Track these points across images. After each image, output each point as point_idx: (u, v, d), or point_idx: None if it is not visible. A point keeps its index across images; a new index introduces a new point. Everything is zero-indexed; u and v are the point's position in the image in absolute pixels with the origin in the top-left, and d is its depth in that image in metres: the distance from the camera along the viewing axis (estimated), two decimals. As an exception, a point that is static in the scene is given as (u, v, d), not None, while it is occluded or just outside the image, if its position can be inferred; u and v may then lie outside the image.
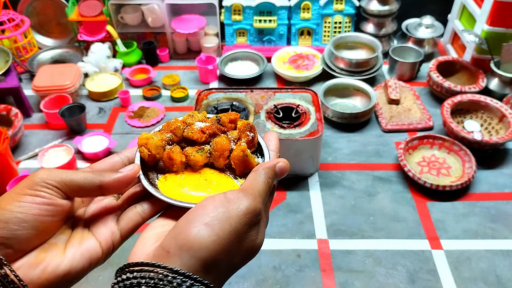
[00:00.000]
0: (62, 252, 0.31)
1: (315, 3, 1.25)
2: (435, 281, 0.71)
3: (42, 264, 0.30)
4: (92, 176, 0.32)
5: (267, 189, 0.34)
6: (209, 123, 0.42)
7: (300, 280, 0.71)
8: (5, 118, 1.01)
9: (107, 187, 0.33)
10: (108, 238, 0.33)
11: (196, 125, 0.41)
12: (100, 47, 1.23)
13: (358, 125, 1.05)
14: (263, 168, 0.35)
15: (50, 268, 0.30)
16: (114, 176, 0.33)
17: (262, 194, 0.32)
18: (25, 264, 0.29)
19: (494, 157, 0.95)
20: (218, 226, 0.28)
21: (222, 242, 0.28)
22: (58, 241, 0.32)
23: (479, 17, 1.11)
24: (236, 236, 0.29)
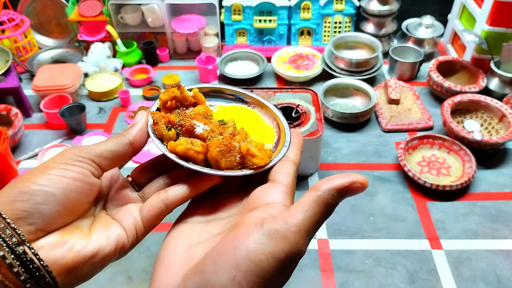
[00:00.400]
0: (88, 235, 0.29)
1: (315, 3, 1.25)
2: (435, 281, 0.71)
3: (66, 244, 0.27)
4: (119, 138, 0.31)
5: (323, 220, 0.27)
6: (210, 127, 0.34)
7: (300, 280, 0.71)
8: (5, 118, 1.01)
9: (135, 141, 0.32)
10: (131, 226, 0.31)
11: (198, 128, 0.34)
12: (100, 47, 1.23)
13: (358, 125, 1.05)
14: (327, 190, 0.27)
15: (76, 249, 0.28)
16: (136, 129, 0.32)
17: (312, 229, 0.27)
18: (48, 243, 0.27)
19: (494, 157, 0.95)
20: (248, 284, 0.24)
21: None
22: (83, 225, 0.30)
23: (479, 17, 1.11)
24: (268, 287, 0.25)
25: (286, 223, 0.25)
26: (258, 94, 0.37)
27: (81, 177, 0.29)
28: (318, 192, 0.27)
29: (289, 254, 0.25)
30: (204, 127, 0.33)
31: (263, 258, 0.24)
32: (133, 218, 0.31)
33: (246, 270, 0.24)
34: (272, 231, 0.25)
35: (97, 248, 0.28)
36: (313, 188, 0.28)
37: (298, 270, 0.72)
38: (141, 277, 0.71)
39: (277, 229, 0.25)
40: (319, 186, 0.27)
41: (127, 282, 0.70)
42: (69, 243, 0.28)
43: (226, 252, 0.25)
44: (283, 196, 0.29)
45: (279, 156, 0.33)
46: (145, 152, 0.99)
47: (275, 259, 0.24)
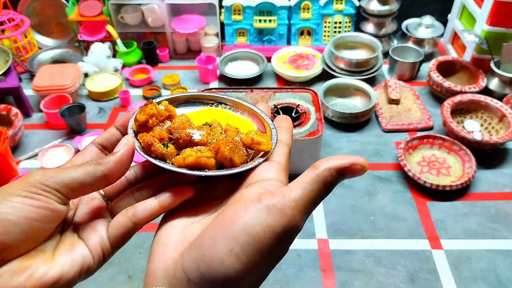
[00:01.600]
0: (51, 258, 0.27)
1: (315, 3, 1.25)
2: (435, 280, 0.71)
3: (28, 270, 0.26)
4: (93, 167, 0.28)
5: (321, 198, 0.27)
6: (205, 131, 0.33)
7: (300, 279, 0.71)
8: (5, 118, 1.01)
9: (111, 174, 0.28)
10: (97, 245, 0.29)
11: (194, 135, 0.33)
12: (100, 47, 1.23)
13: (358, 125, 1.05)
14: (327, 169, 0.27)
15: (37, 275, 0.26)
16: (115, 158, 0.29)
17: (310, 205, 0.27)
18: (7, 272, 0.25)
19: (494, 157, 0.95)
20: (246, 257, 0.24)
21: (248, 268, 0.24)
22: (47, 248, 0.28)
23: (479, 17, 1.11)
24: (265, 260, 0.25)
25: (284, 198, 0.25)
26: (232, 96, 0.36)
27: (46, 205, 0.27)
28: (318, 170, 0.27)
29: (286, 228, 0.25)
30: (200, 132, 0.33)
31: (260, 231, 0.24)
32: (99, 237, 0.29)
33: (243, 243, 0.24)
34: (270, 206, 0.25)
35: (60, 272, 0.27)
36: (313, 166, 0.28)
37: (299, 269, 0.72)
38: (142, 277, 0.71)
39: (275, 204, 0.25)
40: (318, 165, 0.27)
41: (127, 281, 0.70)
42: (30, 270, 0.26)
43: (224, 227, 0.25)
44: (279, 173, 0.29)
45: (274, 138, 0.33)
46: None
47: (272, 232, 0.24)
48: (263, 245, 0.24)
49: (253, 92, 0.94)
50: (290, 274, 0.72)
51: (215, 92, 0.37)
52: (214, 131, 0.34)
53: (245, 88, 0.95)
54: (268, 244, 0.24)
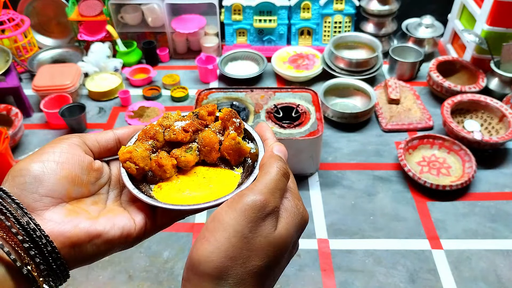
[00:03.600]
0: (95, 218, 0.32)
1: (315, 3, 1.25)
2: (435, 280, 0.71)
3: (72, 221, 0.31)
4: (106, 132, 0.37)
5: (271, 178, 0.31)
6: (188, 120, 0.39)
7: (300, 279, 0.71)
8: (5, 118, 1.01)
9: (122, 134, 0.37)
10: (142, 219, 0.34)
11: (176, 125, 0.38)
12: (100, 47, 1.23)
13: (358, 124, 1.05)
14: (267, 161, 0.33)
15: (81, 226, 0.31)
16: (123, 128, 0.38)
17: (263, 185, 0.31)
18: (56, 218, 0.30)
19: (494, 156, 0.95)
20: (213, 237, 0.28)
21: (223, 249, 0.28)
22: (92, 210, 0.33)
23: (479, 17, 1.11)
24: (239, 239, 0.28)
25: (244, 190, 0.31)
26: None
27: (70, 149, 0.33)
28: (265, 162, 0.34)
29: (246, 205, 0.29)
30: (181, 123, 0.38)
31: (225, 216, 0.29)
32: (145, 215, 0.34)
33: (212, 226, 0.29)
34: (233, 197, 0.31)
35: (101, 230, 0.31)
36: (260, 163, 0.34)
37: (299, 269, 0.72)
38: (142, 276, 0.71)
39: (237, 195, 0.30)
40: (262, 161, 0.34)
41: (128, 281, 0.70)
42: (75, 221, 0.31)
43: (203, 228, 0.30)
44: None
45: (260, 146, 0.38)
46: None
47: (235, 212, 0.29)
48: (228, 225, 0.28)
49: (253, 92, 0.94)
50: (290, 274, 0.72)
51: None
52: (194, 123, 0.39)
53: (245, 88, 0.95)
54: (233, 223, 0.28)
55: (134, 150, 0.36)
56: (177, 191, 0.36)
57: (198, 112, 0.40)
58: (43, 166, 0.31)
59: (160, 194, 0.36)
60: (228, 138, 0.37)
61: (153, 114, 1.08)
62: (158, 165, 0.37)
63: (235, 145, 0.37)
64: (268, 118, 0.88)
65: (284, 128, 0.85)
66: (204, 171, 0.38)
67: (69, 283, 0.70)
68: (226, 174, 0.38)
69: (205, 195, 0.35)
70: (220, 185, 0.36)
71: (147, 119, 1.07)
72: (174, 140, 0.38)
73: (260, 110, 0.89)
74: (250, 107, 0.90)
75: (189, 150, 0.38)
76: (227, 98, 0.92)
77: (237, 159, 0.38)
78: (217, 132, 0.39)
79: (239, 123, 0.39)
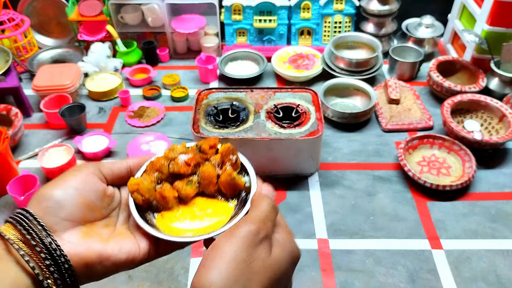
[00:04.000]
0: (106, 241, 0.37)
1: (315, 3, 1.25)
2: (435, 280, 0.71)
3: (87, 244, 0.36)
4: (120, 161, 0.43)
5: (262, 210, 0.36)
6: (191, 153, 0.44)
7: (300, 279, 0.71)
8: (5, 118, 1.01)
9: (134, 164, 0.43)
10: (145, 247, 0.39)
11: (180, 159, 0.44)
12: (100, 47, 1.23)
13: (358, 124, 1.05)
14: (257, 197, 0.39)
15: (93, 249, 0.36)
16: (134, 158, 0.44)
17: (255, 216, 0.35)
18: (73, 240, 0.36)
19: (494, 156, 0.95)
20: (214, 264, 0.32)
21: (224, 274, 0.31)
22: (103, 233, 0.38)
23: (479, 16, 1.11)
24: (239, 263, 0.32)
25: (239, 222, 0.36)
26: None
27: (88, 178, 0.38)
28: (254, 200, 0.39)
29: (240, 234, 0.33)
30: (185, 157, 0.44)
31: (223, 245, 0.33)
32: (149, 242, 0.39)
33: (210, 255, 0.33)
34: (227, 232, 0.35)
35: (110, 253, 0.36)
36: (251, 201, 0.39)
37: (299, 269, 0.72)
38: (141, 276, 0.71)
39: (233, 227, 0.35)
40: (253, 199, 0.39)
41: (128, 281, 0.70)
42: (89, 243, 0.36)
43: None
44: None
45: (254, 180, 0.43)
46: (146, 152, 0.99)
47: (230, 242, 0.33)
48: (226, 253, 0.32)
49: (253, 92, 0.94)
50: (290, 274, 0.72)
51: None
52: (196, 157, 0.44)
53: (245, 88, 0.95)
54: (230, 251, 0.32)
55: (141, 182, 0.41)
56: (177, 220, 0.42)
57: (200, 146, 0.45)
58: (64, 193, 0.37)
59: (161, 222, 0.41)
60: (225, 174, 0.42)
61: (153, 114, 1.08)
62: (161, 196, 0.42)
63: (231, 181, 0.42)
64: (268, 118, 0.88)
65: (284, 128, 0.85)
66: (202, 203, 0.44)
67: (69, 283, 0.70)
68: (221, 206, 0.43)
69: (202, 228, 0.41)
70: (215, 217, 0.42)
71: (147, 119, 1.07)
72: (177, 172, 0.43)
73: (260, 110, 0.89)
74: (250, 107, 0.90)
75: (190, 183, 0.43)
76: (227, 98, 0.92)
77: (232, 193, 0.43)
78: (216, 165, 0.44)
79: (236, 159, 0.44)
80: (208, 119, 0.87)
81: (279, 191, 0.87)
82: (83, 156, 0.96)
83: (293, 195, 0.86)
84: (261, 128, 0.84)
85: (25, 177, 0.84)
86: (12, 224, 0.35)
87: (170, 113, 1.10)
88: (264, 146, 0.83)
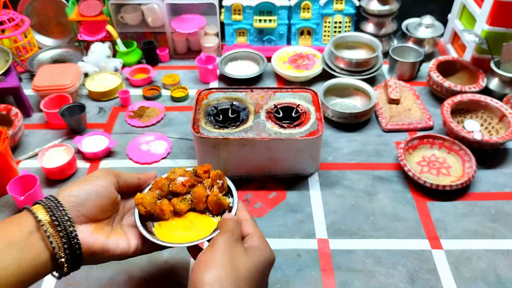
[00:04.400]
0: (108, 237, 0.49)
1: (315, 3, 1.25)
2: (435, 280, 0.71)
3: (95, 236, 0.48)
4: (133, 174, 0.56)
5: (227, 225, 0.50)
6: (188, 176, 0.57)
7: (300, 279, 0.71)
8: (5, 118, 1.01)
9: (143, 179, 0.57)
10: (135, 246, 0.52)
11: (178, 180, 0.57)
12: (100, 47, 1.23)
13: (358, 124, 1.05)
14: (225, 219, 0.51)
15: (100, 241, 0.48)
16: (144, 175, 0.58)
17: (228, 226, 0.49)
18: (87, 231, 0.47)
19: (494, 156, 0.95)
20: (206, 256, 0.46)
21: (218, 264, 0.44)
22: (106, 230, 0.51)
23: (479, 17, 1.11)
24: (226, 255, 0.45)
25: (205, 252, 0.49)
26: None
27: (107, 185, 0.51)
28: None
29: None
30: (182, 179, 0.57)
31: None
32: (139, 240, 0.53)
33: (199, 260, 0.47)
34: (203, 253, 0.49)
35: (109, 247, 0.49)
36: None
37: (298, 269, 0.72)
38: (141, 276, 0.71)
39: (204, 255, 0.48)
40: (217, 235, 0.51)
41: (128, 281, 0.70)
42: (96, 237, 0.48)
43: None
44: None
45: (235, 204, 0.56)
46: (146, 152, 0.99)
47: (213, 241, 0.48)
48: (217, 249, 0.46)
49: (253, 92, 0.94)
50: (290, 274, 0.72)
51: None
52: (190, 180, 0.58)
53: (245, 88, 0.95)
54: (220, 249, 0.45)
55: (145, 197, 0.53)
56: (171, 230, 0.54)
57: (196, 170, 0.58)
58: (88, 194, 0.48)
59: (159, 230, 0.54)
60: (212, 195, 0.55)
61: (153, 114, 1.08)
62: (160, 209, 0.54)
63: (217, 201, 0.55)
64: (268, 118, 0.88)
65: (284, 128, 0.85)
66: (192, 217, 0.56)
67: (70, 283, 0.70)
68: (207, 220, 0.56)
69: (189, 237, 0.53)
70: (201, 229, 0.54)
71: (147, 119, 1.07)
72: (175, 191, 0.56)
73: (260, 110, 0.89)
74: (250, 107, 0.90)
75: (184, 201, 0.56)
76: (227, 98, 0.92)
77: (217, 211, 0.56)
78: (207, 187, 0.57)
79: (222, 183, 0.57)
80: (208, 119, 0.87)
81: (279, 191, 0.87)
82: (83, 156, 0.96)
83: (293, 195, 0.86)
84: (261, 128, 0.84)
85: (25, 177, 0.84)
86: (43, 207, 0.45)
87: (170, 113, 1.10)
88: (264, 146, 0.83)
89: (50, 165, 0.89)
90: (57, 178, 0.90)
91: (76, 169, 0.93)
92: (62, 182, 0.90)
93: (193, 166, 0.77)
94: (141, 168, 0.93)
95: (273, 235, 0.78)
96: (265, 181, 0.89)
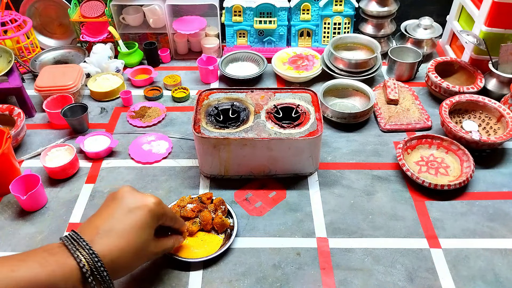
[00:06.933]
0: None
1: (314, 5, 1.26)
2: (434, 279, 0.72)
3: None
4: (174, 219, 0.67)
5: None
6: (195, 203, 0.76)
7: (299, 278, 0.72)
8: (7, 118, 1.02)
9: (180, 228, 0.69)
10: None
11: (188, 207, 0.75)
12: (102, 48, 1.24)
13: (357, 125, 1.05)
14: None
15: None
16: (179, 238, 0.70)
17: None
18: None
19: (492, 156, 0.96)
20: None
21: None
22: None
23: (477, 18, 1.12)
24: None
25: None
26: None
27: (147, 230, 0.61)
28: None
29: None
30: (191, 206, 0.76)
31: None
32: None
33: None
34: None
35: None
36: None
37: (298, 268, 0.73)
38: (141, 276, 0.72)
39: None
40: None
41: (128, 281, 0.71)
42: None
43: None
44: None
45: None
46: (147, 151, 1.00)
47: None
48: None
49: (254, 93, 0.95)
50: (289, 273, 0.72)
51: None
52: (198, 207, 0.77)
53: (245, 89, 0.96)
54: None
55: None
56: (188, 247, 0.72)
57: (201, 198, 0.77)
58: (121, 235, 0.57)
59: (177, 248, 0.71)
60: (217, 218, 0.74)
61: (154, 115, 1.09)
62: None
63: (221, 222, 0.74)
64: (268, 118, 0.88)
65: (284, 128, 0.86)
66: (202, 236, 0.75)
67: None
68: (214, 238, 0.74)
69: (201, 252, 0.71)
70: (210, 246, 0.73)
71: (148, 119, 1.08)
72: (186, 216, 0.74)
73: (260, 110, 0.90)
74: (250, 108, 0.91)
75: (194, 224, 0.74)
76: (228, 98, 0.93)
77: (221, 230, 0.75)
78: (211, 211, 0.75)
79: (224, 208, 0.77)
80: (209, 119, 0.88)
81: (279, 190, 0.88)
82: (85, 155, 0.97)
83: (292, 195, 0.87)
84: (261, 128, 0.85)
85: (28, 177, 0.85)
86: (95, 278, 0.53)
87: (171, 113, 1.11)
88: (264, 146, 0.83)
89: (53, 164, 0.90)
90: (59, 178, 0.91)
91: (78, 169, 0.94)
92: (64, 182, 0.91)
93: (194, 166, 0.94)
94: (142, 167, 0.94)
95: (273, 234, 0.79)
96: (265, 180, 0.90)
